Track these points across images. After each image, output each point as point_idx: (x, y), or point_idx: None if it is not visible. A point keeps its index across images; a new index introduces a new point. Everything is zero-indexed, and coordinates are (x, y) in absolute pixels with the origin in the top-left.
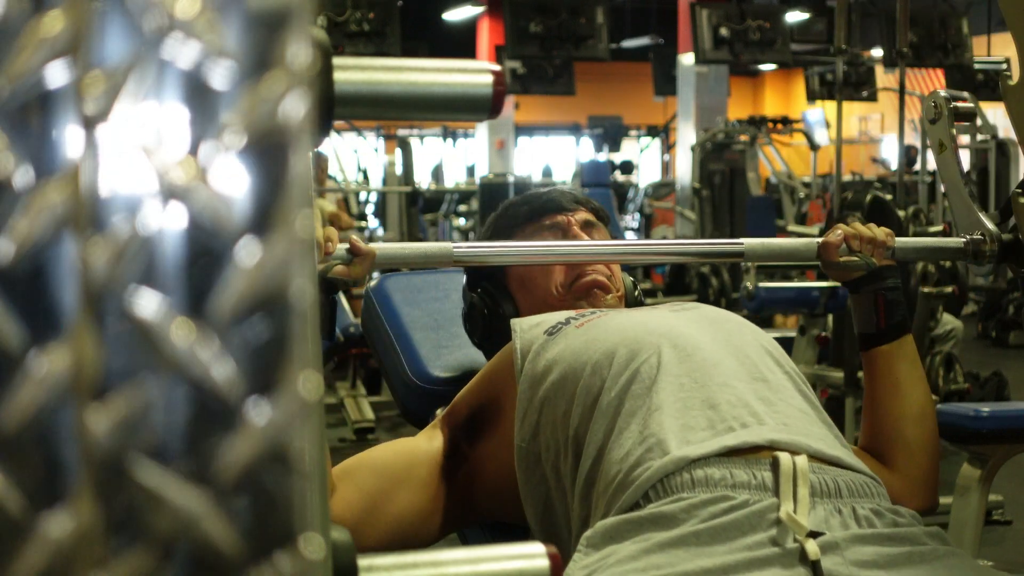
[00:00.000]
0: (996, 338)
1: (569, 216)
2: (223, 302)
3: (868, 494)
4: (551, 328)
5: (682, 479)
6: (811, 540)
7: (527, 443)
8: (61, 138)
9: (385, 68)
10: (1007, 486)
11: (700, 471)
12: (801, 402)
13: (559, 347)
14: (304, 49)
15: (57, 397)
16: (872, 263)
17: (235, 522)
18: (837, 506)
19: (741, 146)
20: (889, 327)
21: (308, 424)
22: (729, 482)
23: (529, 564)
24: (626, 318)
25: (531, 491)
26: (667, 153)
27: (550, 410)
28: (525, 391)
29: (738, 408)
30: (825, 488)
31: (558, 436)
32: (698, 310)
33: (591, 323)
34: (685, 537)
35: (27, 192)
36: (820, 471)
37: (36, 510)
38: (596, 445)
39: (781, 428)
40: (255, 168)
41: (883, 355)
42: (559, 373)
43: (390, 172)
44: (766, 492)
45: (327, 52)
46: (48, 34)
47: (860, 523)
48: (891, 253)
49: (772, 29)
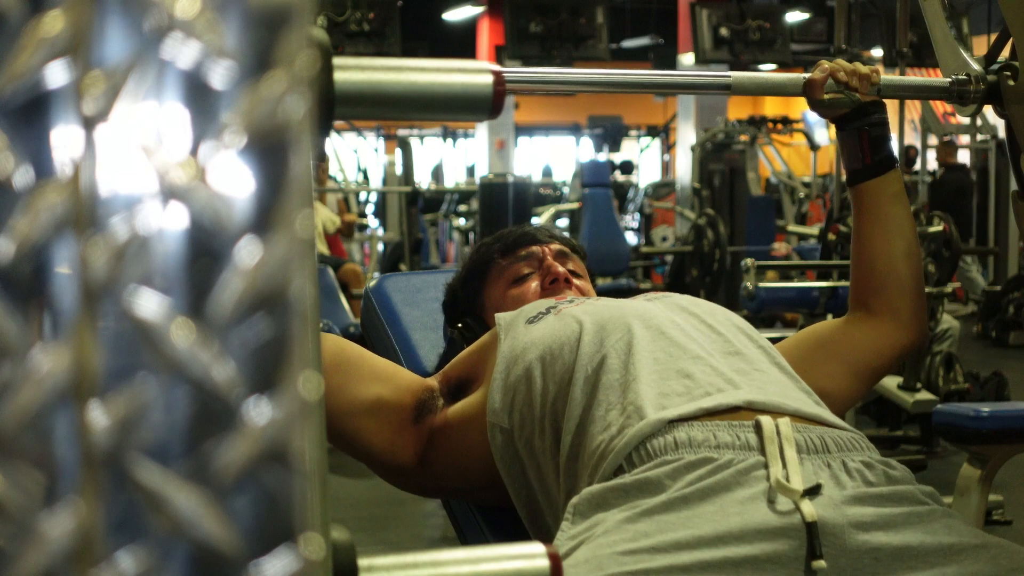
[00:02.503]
0: (996, 338)
1: (544, 247)
2: (223, 302)
3: (856, 448)
4: (532, 317)
5: (664, 441)
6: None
7: (499, 419)
8: (61, 138)
9: (385, 68)
10: (1007, 486)
11: (683, 433)
12: (777, 373)
13: (537, 332)
14: (304, 49)
15: (57, 397)
16: (856, 99)
17: (235, 522)
18: (826, 460)
19: (741, 146)
20: (875, 162)
21: (308, 424)
22: (712, 443)
23: (529, 564)
24: (602, 303)
25: (507, 467)
26: (667, 153)
27: (526, 387)
28: (501, 370)
29: (713, 377)
30: (812, 445)
31: (534, 413)
32: (670, 297)
33: (568, 309)
34: (673, 502)
35: (27, 192)
36: (804, 430)
37: (36, 510)
38: (575, 420)
39: (758, 391)
40: (255, 168)
41: (870, 190)
42: (535, 354)
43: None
44: (751, 451)
45: (327, 52)
46: (48, 34)
47: (852, 475)
48: (876, 90)
49: (772, 29)
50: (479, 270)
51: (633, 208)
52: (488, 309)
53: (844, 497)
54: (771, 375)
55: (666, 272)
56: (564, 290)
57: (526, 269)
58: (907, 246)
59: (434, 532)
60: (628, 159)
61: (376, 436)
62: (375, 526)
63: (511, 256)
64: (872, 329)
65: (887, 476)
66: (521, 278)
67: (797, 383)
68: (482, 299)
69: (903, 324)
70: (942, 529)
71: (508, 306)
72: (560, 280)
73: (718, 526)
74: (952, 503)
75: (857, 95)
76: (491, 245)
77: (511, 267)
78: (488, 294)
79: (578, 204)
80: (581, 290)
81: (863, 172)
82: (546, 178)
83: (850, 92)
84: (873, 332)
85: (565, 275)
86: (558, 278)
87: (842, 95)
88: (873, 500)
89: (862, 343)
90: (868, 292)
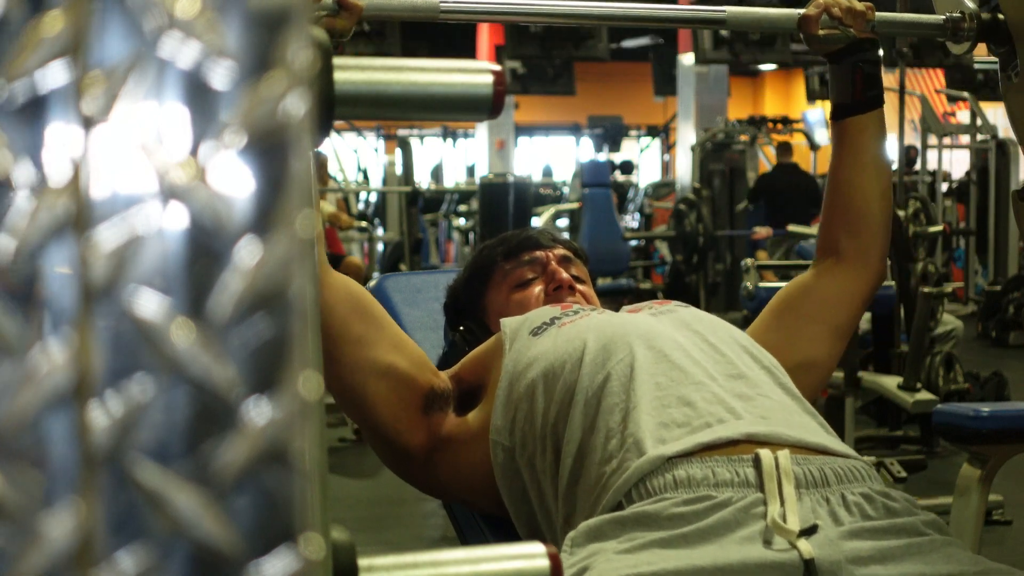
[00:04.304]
0: (996, 338)
1: (547, 252)
2: (223, 302)
3: (857, 478)
4: (536, 328)
5: (664, 480)
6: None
7: (502, 437)
8: (61, 138)
9: (385, 68)
10: (1007, 486)
11: (682, 471)
12: (781, 395)
13: (541, 347)
14: (304, 49)
15: (57, 397)
16: (851, 34)
17: (235, 522)
18: (824, 495)
19: (741, 146)
20: (864, 98)
21: (308, 424)
22: (711, 481)
23: (529, 564)
24: (605, 319)
25: (507, 485)
26: (667, 153)
27: (528, 405)
28: (504, 387)
29: (714, 405)
30: (811, 478)
31: (535, 432)
32: (675, 313)
33: (573, 324)
34: (672, 539)
35: (27, 192)
36: (804, 462)
37: (36, 510)
38: (575, 443)
39: (759, 421)
40: (255, 168)
41: (855, 126)
42: (538, 371)
43: (390, 172)
44: (750, 488)
45: (327, 52)
46: (48, 34)
47: (850, 510)
48: (871, 27)
49: None
50: (481, 273)
51: (633, 208)
52: (490, 312)
53: (841, 533)
54: (774, 398)
55: (666, 272)
56: (567, 296)
57: (529, 274)
58: (883, 187)
59: (434, 532)
60: (628, 159)
61: (383, 404)
62: (375, 526)
63: (514, 260)
64: (843, 276)
65: (887, 508)
66: (524, 282)
67: (801, 404)
68: (484, 302)
69: (872, 267)
70: (941, 559)
71: (511, 310)
72: (564, 287)
73: (717, 558)
74: (952, 503)
75: (852, 31)
76: (494, 248)
77: (514, 271)
78: (490, 298)
79: (578, 204)
80: (585, 296)
81: (851, 107)
82: (546, 178)
83: (845, 28)
84: (844, 280)
85: (569, 282)
86: (562, 285)
87: (837, 31)
88: (871, 534)
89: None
90: (841, 232)
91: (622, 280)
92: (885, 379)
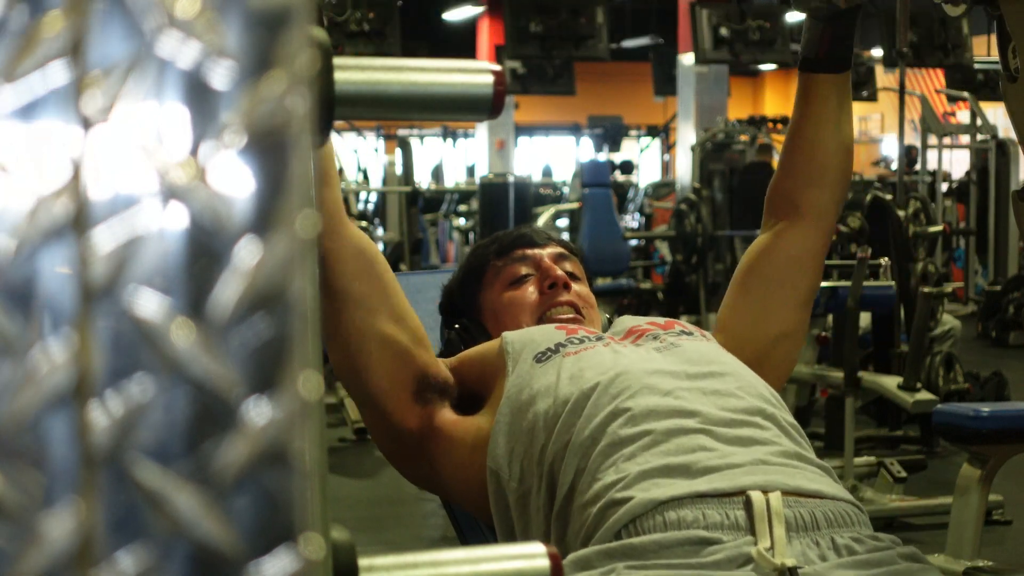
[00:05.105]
0: (996, 338)
1: (541, 249)
2: (223, 302)
3: (848, 523)
4: (540, 354)
5: (654, 522)
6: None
7: (498, 465)
8: (61, 138)
9: (385, 68)
10: (1007, 486)
11: (672, 513)
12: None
13: (545, 380)
14: (304, 49)
15: (57, 397)
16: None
17: (235, 522)
18: (815, 538)
19: (741, 146)
20: (829, 58)
21: (308, 424)
22: (702, 523)
23: (529, 564)
24: (610, 356)
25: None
26: (667, 153)
27: (528, 440)
28: (505, 414)
29: (713, 459)
30: (801, 521)
31: (533, 469)
32: (681, 348)
33: (577, 356)
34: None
35: (27, 191)
36: (796, 504)
37: (36, 510)
38: (567, 485)
39: (758, 469)
40: (255, 168)
41: (819, 81)
42: (540, 408)
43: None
44: (740, 531)
45: (327, 52)
46: (48, 34)
47: (840, 552)
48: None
49: (772, 29)
50: (475, 272)
51: (633, 208)
52: (485, 311)
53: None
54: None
55: (666, 273)
56: (563, 294)
57: (523, 270)
58: (844, 142)
59: (434, 532)
60: (628, 159)
61: (377, 371)
62: (375, 526)
63: (507, 258)
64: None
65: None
66: (518, 280)
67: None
68: (479, 301)
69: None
70: None
71: (506, 308)
72: (559, 284)
73: None
74: (952, 503)
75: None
76: (487, 247)
77: (507, 269)
78: (485, 296)
79: (578, 204)
80: (580, 294)
81: (815, 63)
82: (546, 178)
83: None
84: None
85: (564, 279)
86: (556, 282)
87: None
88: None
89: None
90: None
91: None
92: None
